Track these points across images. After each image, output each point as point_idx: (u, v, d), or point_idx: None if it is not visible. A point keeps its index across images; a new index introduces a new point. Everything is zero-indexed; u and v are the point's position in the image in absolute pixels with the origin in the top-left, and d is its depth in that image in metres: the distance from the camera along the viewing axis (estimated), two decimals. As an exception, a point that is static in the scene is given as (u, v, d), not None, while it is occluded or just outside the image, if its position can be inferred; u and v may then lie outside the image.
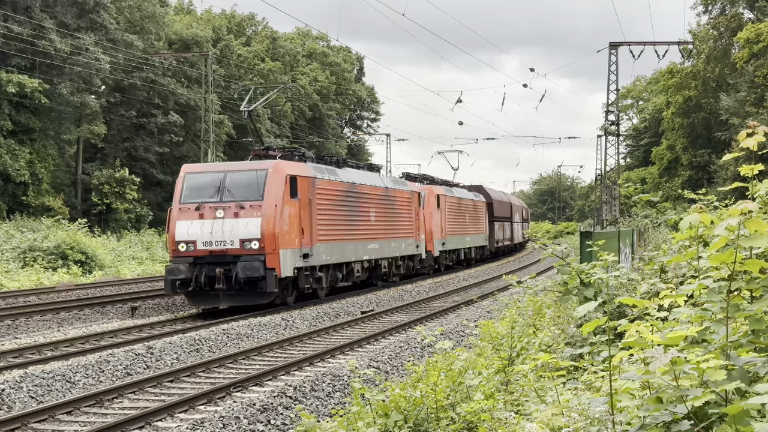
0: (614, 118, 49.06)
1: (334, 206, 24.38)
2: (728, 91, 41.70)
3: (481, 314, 20.40)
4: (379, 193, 28.34)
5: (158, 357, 14.90)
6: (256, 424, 10.15)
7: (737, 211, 3.26)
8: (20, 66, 39.32)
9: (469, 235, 41.76)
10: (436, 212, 34.50)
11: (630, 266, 12.71)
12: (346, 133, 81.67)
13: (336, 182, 24.66)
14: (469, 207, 41.99)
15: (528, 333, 9.32)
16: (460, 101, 64.19)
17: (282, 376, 13.36)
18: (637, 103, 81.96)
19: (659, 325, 3.73)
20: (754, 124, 3.44)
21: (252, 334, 17.90)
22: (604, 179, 49.86)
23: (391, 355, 14.84)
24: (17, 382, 12.16)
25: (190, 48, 53.29)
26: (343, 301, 24.71)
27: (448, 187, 38.83)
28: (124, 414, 10.82)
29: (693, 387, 3.17)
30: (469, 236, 41.61)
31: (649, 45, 45.68)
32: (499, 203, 51.69)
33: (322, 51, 73.41)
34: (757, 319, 3.46)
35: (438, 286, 30.95)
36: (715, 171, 43.06)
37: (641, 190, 50.98)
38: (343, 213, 25.10)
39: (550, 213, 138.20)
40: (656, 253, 10.47)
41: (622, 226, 29.52)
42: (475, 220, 43.58)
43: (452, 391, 7.14)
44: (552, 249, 8.51)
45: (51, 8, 41.55)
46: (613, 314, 6.85)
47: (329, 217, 23.93)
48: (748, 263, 3.39)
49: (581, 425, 3.83)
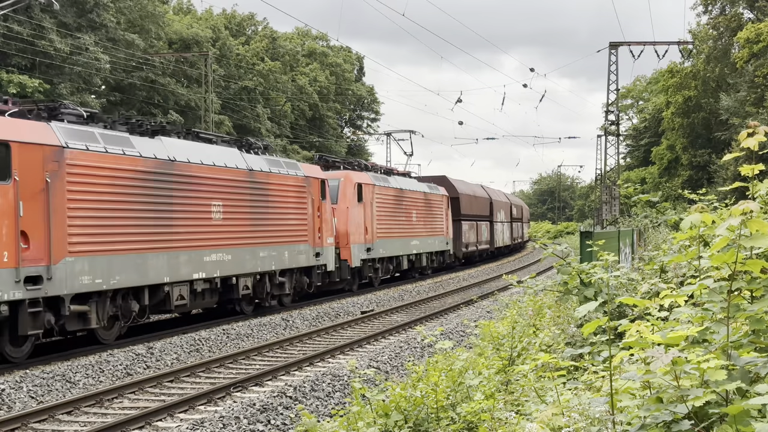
0: (614, 118, 49.06)
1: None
2: (728, 91, 41.68)
3: (481, 314, 20.40)
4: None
5: (158, 357, 14.90)
6: (256, 424, 10.15)
7: (738, 211, 3.26)
8: (20, 66, 39.33)
9: (418, 238, 33.35)
10: (356, 208, 26.92)
11: (630, 266, 12.69)
12: (345, 133, 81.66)
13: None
14: (419, 202, 33.76)
15: (528, 333, 9.32)
16: (460, 101, 64.12)
17: (282, 376, 13.36)
18: (637, 103, 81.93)
19: (660, 325, 3.72)
20: (754, 124, 3.44)
21: (252, 334, 17.90)
22: (604, 179, 49.86)
23: (391, 355, 14.84)
24: (17, 382, 12.15)
25: (190, 48, 53.32)
26: (343, 301, 24.72)
27: (382, 175, 30.70)
28: (124, 414, 10.82)
29: (694, 387, 3.16)
30: (417, 239, 33.18)
31: (649, 45, 45.69)
32: (469, 198, 43.21)
33: (322, 51, 73.41)
34: (757, 319, 3.46)
35: (438, 286, 30.95)
36: (715, 171, 43.04)
37: (641, 190, 50.84)
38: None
39: (550, 213, 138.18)
40: (656, 253, 10.47)
41: (622, 226, 29.51)
42: (430, 219, 35.07)
43: (452, 391, 7.13)
44: (552, 249, 8.51)
45: (51, 8, 41.55)
46: (614, 314, 6.85)
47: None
48: (750, 263, 3.39)
49: (581, 425, 3.83)
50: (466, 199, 42.24)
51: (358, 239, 26.81)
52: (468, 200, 42.62)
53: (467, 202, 42.30)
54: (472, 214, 43.26)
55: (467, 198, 42.49)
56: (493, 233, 48.52)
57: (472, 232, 42.79)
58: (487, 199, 47.99)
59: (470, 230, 42.43)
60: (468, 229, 41.88)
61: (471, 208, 43.02)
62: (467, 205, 42.11)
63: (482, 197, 47.00)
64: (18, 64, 39.49)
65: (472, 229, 42.99)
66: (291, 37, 71.44)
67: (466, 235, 41.17)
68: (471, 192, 44.59)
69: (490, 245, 47.99)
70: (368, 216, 27.76)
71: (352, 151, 77.78)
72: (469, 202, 42.97)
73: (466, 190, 43.65)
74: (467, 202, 42.28)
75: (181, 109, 52.47)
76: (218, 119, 52.81)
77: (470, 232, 42.40)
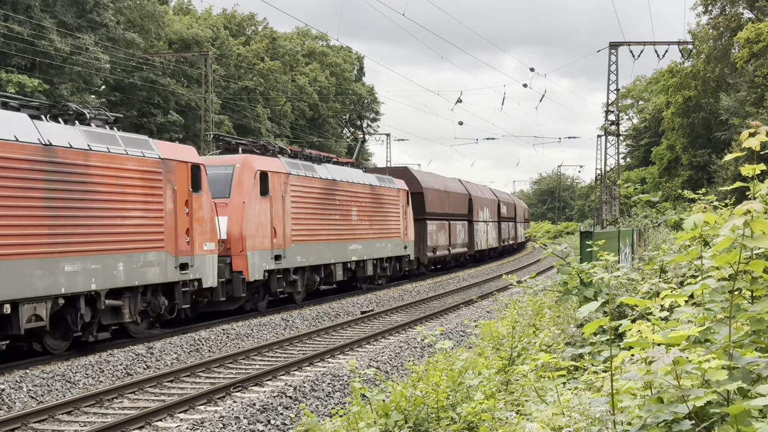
0: (614, 118, 49.06)
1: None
2: (728, 91, 41.69)
3: (481, 314, 20.40)
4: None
5: (158, 357, 14.89)
6: (256, 424, 10.14)
7: (741, 211, 3.25)
8: (20, 66, 39.35)
9: (361, 241, 26.85)
10: (258, 203, 20.64)
11: (630, 266, 12.70)
12: (345, 133, 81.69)
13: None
14: (362, 197, 27.35)
15: (528, 333, 9.32)
16: (460, 101, 64.09)
17: (282, 376, 13.36)
18: (637, 103, 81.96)
19: (661, 325, 3.72)
20: (756, 124, 3.43)
21: (252, 334, 17.89)
22: (604, 179, 49.86)
23: (391, 355, 14.84)
24: (17, 382, 12.15)
25: (190, 48, 53.35)
26: (343, 301, 24.71)
27: (305, 162, 24.11)
28: (124, 414, 10.82)
29: (695, 387, 3.16)
30: (359, 242, 26.64)
31: (649, 45, 45.69)
32: (438, 194, 36.70)
33: (322, 51, 73.44)
34: (759, 320, 3.46)
35: (438, 286, 30.95)
36: (715, 171, 43.04)
37: (641, 190, 50.75)
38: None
39: (550, 213, 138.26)
40: (656, 253, 10.46)
41: (622, 226, 29.51)
42: (380, 218, 28.69)
43: (453, 391, 7.13)
44: (552, 249, 8.51)
45: (51, 8, 41.58)
46: (614, 314, 6.85)
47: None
48: (752, 263, 3.38)
49: (582, 425, 3.83)
50: (434, 195, 36.04)
51: (260, 244, 20.45)
52: (436, 196, 36.35)
53: (435, 198, 36.12)
54: (443, 213, 37.26)
55: (435, 194, 36.23)
56: (474, 235, 42.36)
57: (442, 233, 36.64)
58: (464, 195, 41.82)
59: (439, 231, 36.20)
60: (436, 230, 35.61)
61: (441, 206, 37.13)
62: (435, 202, 36.05)
63: (458, 193, 40.60)
64: (18, 64, 39.50)
65: (443, 230, 36.81)
66: (291, 37, 71.45)
67: (433, 237, 34.98)
68: (442, 186, 38.47)
69: (469, 248, 41.99)
70: (278, 214, 21.33)
71: (352, 151, 77.78)
72: (439, 198, 36.78)
73: (435, 184, 37.44)
74: (435, 198, 36.10)
75: (181, 109, 52.50)
76: (218, 119, 52.83)
77: (440, 234, 36.22)
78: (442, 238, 36.66)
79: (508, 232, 54.95)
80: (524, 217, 66.50)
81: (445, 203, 37.72)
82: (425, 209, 34.24)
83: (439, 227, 36.21)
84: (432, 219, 35.19)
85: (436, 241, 35.56)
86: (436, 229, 35.69)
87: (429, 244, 34.39)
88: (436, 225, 35.60)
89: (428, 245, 34.30)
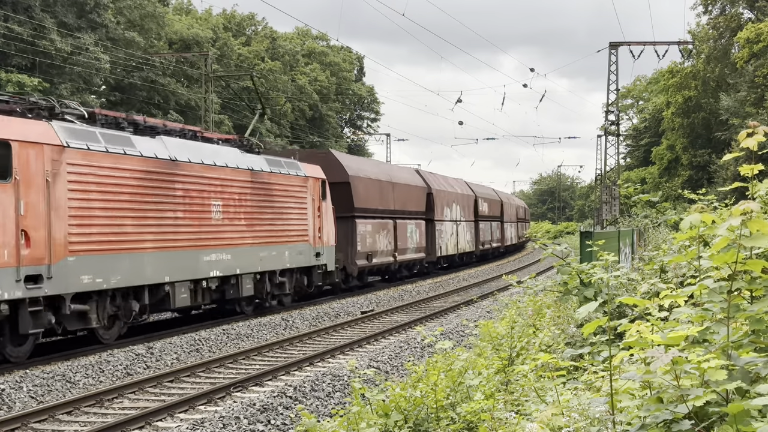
0: (614, 118, 49.07)
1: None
2: (728, 91, 41.69)
3: (481, 314, 20.40)
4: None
5: (158, 357, 14.90)
6: (256, 424, 10.15)
7: (739, 210, 3.26)
8: (20, 66, 39.36)
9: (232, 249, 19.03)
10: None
11: (630, 266, 12.71)
12: (346, 133, 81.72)
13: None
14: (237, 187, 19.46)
15: (528, 333, 9.32)
16: (460, 101, 64.08)
17: (282, 376, 13.36)
18: (637, 103, 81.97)
19: (660, 325, 3.73)
20: (754, 124, 3.44)
21: (252, 334, 17.90)
22: (604, 179, 49.86)
23: (391, 355, 14.84)
24: (17, 382, 12.16)
25: (190, 48, 53.38)
26: (343, 300, 24.71)
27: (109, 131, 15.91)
28: (124, 414, 10.83)
29: (694, 387, 3.17)
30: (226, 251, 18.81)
31: (649, 45, 45.71)
32: (374, 186, 28.87)
33: (322, 51, 73.46)
34: (757, 320, 3.46)
35: (438, 286, 30.94)
36: (715, 171, 43.05)
37: (641, 190, 50.73)
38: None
39: (550, 213, 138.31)
40: (656, 253, 10.47)
41: (622, 226, 29.50)
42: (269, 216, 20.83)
43: (452, 391, 7.14)
44: (552, 249, 8.52)
45: (51, 8, 41.60)
46: (614, 314, 6.85)
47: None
48: (750, 263, 3.39)
49: (581, 425, 3.83)
50: (368, 187, 28.21)
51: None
52: (372, 188, 28.58)
53: (370, 190, 28.34)
54: (385, 209, 29.62)
55: (369, 185, 28.36)
56: (434, 237, 34.96)
57: (382, 235, 29.07)
58: (420, 189, 34.20)
59: (378, 233, 28.61)
60: (372, 231, 28.07)
61: (381, 200, 29.40)
62: (370, 195, 28.35)
63: (409, 185, 32.93)
64: (18, 64, 39.52)
65: (384, 231, 29.22)
66: (291, 37, 71.47)
67: (366, 240, 27.49)
68: (384, 176, 30.44)
69: (428, 253, 34.48)
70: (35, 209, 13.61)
71: (352, 151, 77.89)
72: (376, 191, 29.03)
73: (371, 172, 29.35)
74: (370, 191, 28.35)
75: (181, 109, 52.54)
76: (218, 119, 52.87)
77: (378, 236, 28.62)
78: (383, 241, 29.06)
79: (491, 234, 47.49)
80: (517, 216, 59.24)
81: (388, 197, 30.18)
82: (354, 205, 26.78)
83: (378, 228, 28.66)
84: (365, 217, 27.69)
85: (371, 246, 27.97)
86: (372, 230, 28.19)
87: (360, 249, 26.93)
88: (372, 225, 28.12)
89: (359, 251, 26.83)
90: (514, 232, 56.22)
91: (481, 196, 45.42)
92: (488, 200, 47.45)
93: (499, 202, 50.75)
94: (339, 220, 25.62)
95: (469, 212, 41.70)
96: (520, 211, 61.77)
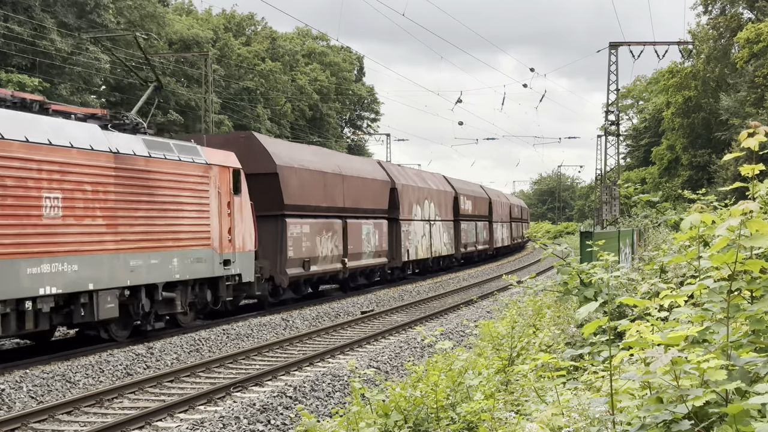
0: (614, 118, 49.07)
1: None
2: (728, 91, 41.70)
3: (481, 314, 20.41)
4: None
5: (158, 357, 14.90)
6: (256, 424, 10.15)
7: (738, 211, 3.26)
8: (20, 66, 39.37)
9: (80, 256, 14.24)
10: None
11: (630, 266, 12.70)
12: (346, 133, 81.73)
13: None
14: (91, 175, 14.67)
15: (528, 333, 9.32)
16: (460, 101, 64.04)
17: (282, 376, 13.36)
18: (637, 103, 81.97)
19: (660, 325, 3.73)
20: (755, 124, 3.44)
21: (252, 334, 17.90)
22: (604, 179, 49.86)
23: (391, 355, 14.84)
24: (17, 382, 12.16)
25: (190, 48, 53.39)
26: (342, 301, 24.71)
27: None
28: (124, 414, 10.83)
29: (693, 387, 3.17)
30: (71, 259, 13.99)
31: (649, 45, 45.70)
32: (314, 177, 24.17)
33: (322, 51, 73.47)
34: (757, 320, 3.46)
35: (438, 286, 30.94)
36: (715, 171, 43.06)
37: (641, 190, 50.64)
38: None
39: (550, 213, 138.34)
40: (656, 253, 10.47)
41: (622, 226, 29.49)
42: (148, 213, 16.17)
43: (452, 391, 7.14)
44: (552, 249, 8.52)
45: (51, 8, 41.60)
46: (614, 314, 6.85)
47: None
48: (749, 263, 3.39)
49: (581, 425, 3.83)
50: (306, 179, 23.58)
51: None
52: (311, 181, 23.92)
53: (309, 183, 23.79)
54: (330, 207, 25.26)
55: (308, 177, 23.74)
56: (398, 240, 30.35)
57: (325, 238, 24.55)
58: (382, 183, 29.73)
59: (318, 236, 24.00)
60: (309, 234, 23.40)
61: (324, 196, 24.87)
62: (309, 190, 23.77)
63: (365, 179, 28.35)
64: (18, 64, 39.52)
65: (328, 234, 24.80)
66: (291, 38, 71.47)
67: (300, 245, 22.77)
68: (332, 168, 25.86)
69: (391, 258, 30.08)
70: None
71: (352, 151, 77.96)
72: (317, 184, 24.42)
73: (309, 161, 24.45)
74: (309, 185, 23.79)
75: (181, 109, 52.54)
76: (218, 119, 52.88)
77: (319, 240, 24.06)
78: (327, 245, 24.56)
79: (476, 235, 42.84)
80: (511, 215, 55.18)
81: (335, 193, 25.60)
82: (284, 201, 22.07)
83: (319, 229, 24.17)
84: (300, 216, 23.05)
85: (309, 251, 23.34)
86: (311, 231, 23.55)
87: (292, 255, 22.26)
88: (310, 225, 23.48)
89: (290, 257, 22.15)
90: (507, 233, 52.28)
91: (463, 193, 40.79)
92: (472, 198, 42.52)
93: (486, 200, 46.44)
94: (264, 220, 21.06)
95: (447, 211, 37.28)
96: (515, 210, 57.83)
